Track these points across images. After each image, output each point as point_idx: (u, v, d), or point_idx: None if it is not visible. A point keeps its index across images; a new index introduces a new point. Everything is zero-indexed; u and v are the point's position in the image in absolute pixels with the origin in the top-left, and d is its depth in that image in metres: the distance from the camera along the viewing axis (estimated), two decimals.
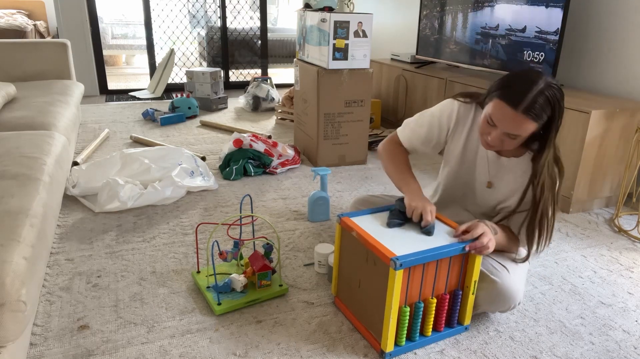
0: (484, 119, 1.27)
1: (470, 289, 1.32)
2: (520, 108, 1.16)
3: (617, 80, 2.41)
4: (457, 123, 1.43)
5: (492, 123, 1.23)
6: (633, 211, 2.27)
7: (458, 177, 1.50)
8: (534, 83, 1.16)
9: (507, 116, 1.18)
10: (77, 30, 4.24)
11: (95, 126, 3.45)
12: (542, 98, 1.16)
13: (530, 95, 1.16)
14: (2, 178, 1.40)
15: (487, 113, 1.24)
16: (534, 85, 1.16)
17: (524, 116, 1.17)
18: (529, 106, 1.16)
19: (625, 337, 1.40)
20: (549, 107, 1.17)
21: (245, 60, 5.23)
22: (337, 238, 1.42)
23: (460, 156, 1.46)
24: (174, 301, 1.49)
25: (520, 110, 1.16)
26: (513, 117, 1.18)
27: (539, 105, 1.16)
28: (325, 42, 2.55)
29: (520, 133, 1.20)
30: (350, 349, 1.31)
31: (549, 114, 1.18)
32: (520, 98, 1.16)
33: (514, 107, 1.17)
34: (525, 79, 1.18)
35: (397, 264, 1.15)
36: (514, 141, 1.24)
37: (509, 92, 1.18)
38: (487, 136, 1.27)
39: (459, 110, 1.42)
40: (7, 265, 1.00)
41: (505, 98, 1.18)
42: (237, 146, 2.58)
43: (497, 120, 1.21)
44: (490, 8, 2.74)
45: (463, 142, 1.44)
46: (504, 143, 1.25)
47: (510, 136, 1.22)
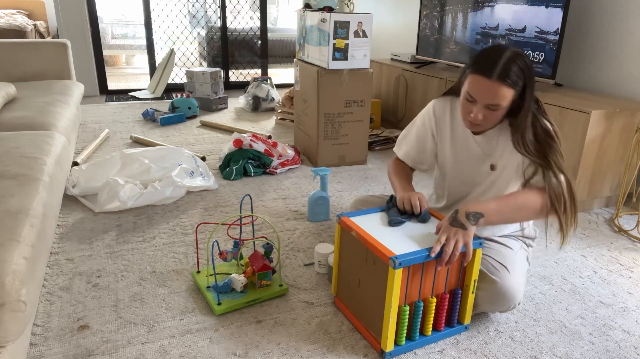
0: (463, 99, 1.30)
1: (470, 288, 1.32)
2: (495, 75, 1.20)
3: (617, 80, 2.41)
4: (437, 121, 1.47)
5: (472, 99, 1.26)
6: (633, 211, 2.27)
7: (458, 176, 1.49)
8: (502, 53, 1.22)
9: (484, 87, 1.22)
10: (77, 30, 4.24)
11: (95, 126, 3.45)
12: (513, 64, 1.20)
13: (501, 62, 1.20)
14: (2, 178, 1.40)
15: (465, 90, 1.28)
16: (503, 54, 1.21)
17: (500, 83, 1.20)
18: (502, 72, 1.20)
19: (625, 337, 1.40)
20: (521, 73, 1.21)
21: (245, 60, 5.23)
22: (336, 238, 1.42)
23: (452, 153, 1.47)
24: (174, 301, 1.49)
25: (495, 77, 1.20)
26: (490, 86, 1.21)
27: (511, 70, 1.20)
28: (325, 42, 2.55)
29: (499, 101, 1.23)
30: (350, 349, 1.31)
31: (522, 80, 1.22)
32: (492, 67, 1.21)
33: (489, 76, 1.21)
34: (493, 51, 1.23)
35: (396, 263, 1.15)
36: (495, 113, 1.26)
37: (480, 65, 1.23)
38: (469, 115, 1.29)
39: (435, 108, 1.47)
40: (7, 265, 1.00)
41: (479, 71, 1.23)
42: (237, 146, 2.58)
43: (475, 93, 1.24)
44: (490, 8, 2.74)
45: (449, 138, 1.46)
46: (487, 118, 1.27)
47: (491, 107, 1.24)
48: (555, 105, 2.21)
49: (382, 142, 3.17)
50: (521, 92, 1.24)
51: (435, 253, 1.19)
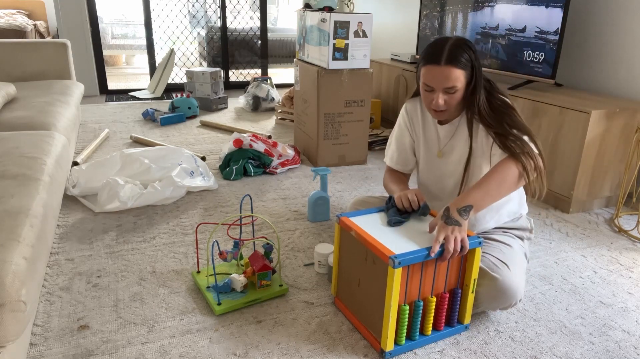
0: (422, 91, 1.39)
1: (470, 287, 1.32)
2: (443, 60, 1.31)
3: (617, 80, 2.41)
4: (410, 120, 1.58)
5: (429, 88, 1.36)
6: (633, 211, 2.27)
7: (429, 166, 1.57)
8: (445, 42, 1.33)
9: (436, 73, 1.32)
10: (77, 30, 4.24)
11: (95, 126, 3.45)
12: (456, 48, 1.31)
13: (445, 49, 1.31)
14: (2, 178, 1.40)
15: (422, 82, 1.37)
16: (445, 42, 1.33)
17: (450, 66, 1.30)
18: (449, 56, 1.30)
19: (625, 337, 1.40)
20: (467, 55, 1.32)
21: (245, 60, 5.23)
22: (336, 238, 1.42)
23: (425, 146, 1.56)
24: (174, 301, 1.49)
25: (443, 62, 1.31)
26: (441, 71, 1.31)
27: (457, 53, 1.31)
28: (325, 42, 2.55)
29: (454, 83, 1.32)
30: (350, 349, 1.31)
31: (470, 61, 1.32)
32: (440, 54, 1.31)
33: (438, 62, 1.31)
34: (436, 42, 1.35)
35: (395, 262, 1.15)
36: (454, 95, 1.35)
37: (429, 55, 1.34)
38: (431, 103, 1.37)
39: (407, 108, 1.58)
40: (7, 265, 1.00)
41: (428, 61, 1.34)
42: (237, 146, 2.58)
43: (431, 82, 1.34)
44: (490, 8, 2.74)
45: (422, 134, 1.56)
46: (447, 102, 1.36)
47: (449, 91, 1.33)
48: (555, 105, 2.21)
49: (382, 142, 3.17)
50: (471, 72, 1.34)
51: (435, 253, 1.19)
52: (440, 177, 1.55)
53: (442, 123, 1.49)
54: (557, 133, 2.22)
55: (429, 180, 1.59)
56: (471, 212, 1.25)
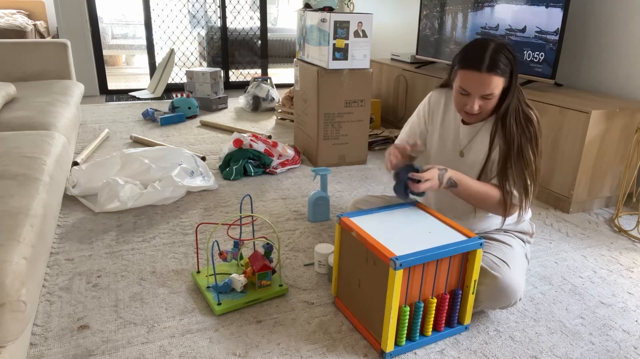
0: (456, 93, 1.37)
1: (470, 288, 1.32)
2: (484, 68, 1.27)
3: (617, 80, 2.41)
4: (431, 109, 1.55)
5: (466, 92, 1.33)
6: (633, 211, 2.27)
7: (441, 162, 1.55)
8: (486, 45, 1.29)
9: (476, 80, 1.29)
10: (77, 30, 4.24)
11: (95, 126, 3.45)
12: (498, 54, 1.28)
13: (487, 54, 1.28)
14: (2, 178, 1.40)
15: (457, 85, 1.35)
16: (487, 46, 1.29)
17: (490, 74, 1.28)
18: (490, 63, 1.27)
19: (625, 337, 1.40)
20: (507, 61, 1.29)
21: (245, 60, 5.23)
22: (336, 238, 1.42)
23: (439, 140, 1.54)
24: (174, 301, 1.49)
25: (484, 70, 1.27)
26: (481, 79, 1.28)
27: (499, 60, 1.27)
28: (325, 42, 2.55)
29: (492, 91, 1.30)
30: (350, 349, 1.31)
31: (510, 67, 1.29)
32: (480, 60, 1.28)
33: (478, 69, 1.28)
34: (477, 45, 1.31)
35: (396, 264, 1.15)
36: (490, 101, 1.33)
37: (469, 60, 1.30)
38: (464, 106, 1.35)
39: (431, 98, 1.56)
40: (7, 265, 1.00)
41: (468, 66, 1.30)
42: (237, 146, 2.58)
43: (469, 86, 1.31)
44: (490, 8, 2.74)
45: (439, 126, 1.53)
46: (482, 107, 1.34)
47: (486, 97, 1.31)
48: (555, 105, 2.21)
49: (382, 142, 3.17)
50: (510, 78, 1.32)
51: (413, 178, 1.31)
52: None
53: (465, 123, 1.47)
54: (557, 133, 2.22)
55: None
56: (453, 189, 1.35)
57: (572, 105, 2.15)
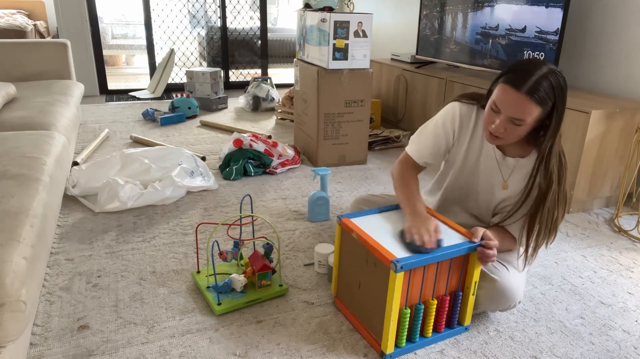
0: (488, 108, 1.26)
1: (471, 290, 1.32)
2: (524, 89, 1.16)
3: (617, 80, 2.41)
4: (461, 124, 1.42)
5: (497, 109, 1.22)
6: (633, 211, 2.27)
7: (460, 178, 1.49)
8: (537, 68, 1.18)
9: (511, 98, 1.18)
10: (77, 30, 4.24)
11: (95, 126, 3.45)
12: (545, 81, 1.16)
13: (533, 77, 1.16)
14: (2, 178, 1.40)
15: (492, 99, 1.24)
16: (538, 69, 1.17)
17: (528, 98, 1.16)
18: (532, 88, 1.16)
19: (625, 337, 1.40)
20: (552, 92, 1.17)
21: (245, 60, 5.23)
22: (336, 239, 1.42)
23: (464, 157, 1.45)
24: (174, 301, 1.49)
25: (523, 91, 1.16)
26: (517, 99, 1.17)
27: (542, 87, 1.16)
28: (325, 42, 2.55)
29: (524, 116, 1.18)
30: (350, 349, 1.31)
31: (552, 99, 1.18)
32: (523, 81, 1.16)
33: (518, 88, 1.17)
34: (529, 64, 1.19)
35: (397, 266, 1.15)
36: (518, 128, 1.22)
37: (512, 76, 1.19)
38: (491, 125, 1.25)
39: (461, 110, 1.41)
40: (7, 265, 1.00)
41: (509, 82, 1.19)
42: (237, 146, 2.58)
43: (501, 104, 1.21)
44: (490, 8, 2.74)
45: (467, 143, 1.43)
46: (508, 131, 1.23)
47: (514, 122, 1.20)
48: None
49: (382, 142, 3.17)
50: (549, 112, 1.20)
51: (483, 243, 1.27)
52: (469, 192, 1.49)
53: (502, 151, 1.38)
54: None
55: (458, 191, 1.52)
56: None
57: (572, 105, 2.15)
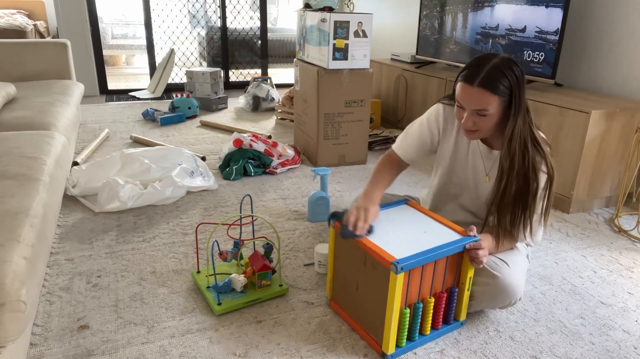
0: (455, 106, 1.34)
1: (466, 285, 1.33)
2: (477, 83, 1.23)
3: (617, 80, 2.41)
4: (445, 123, 1.48)
5: (461, 105, 1.30)
6: (633, 211, 2.27)
7: (452, 175, 1.51)
8: (488, 61, 1.25)
9: (468, 93, 1.26)
10: (77, 30, 4.24)
11: (95, 126, 3.45)
12: (496, 71, 1.22)
13: (484, 70, 1.23)
14: (2, 178, 1.40)
15: (456, 98, 1.32)
16: (488, 62, 1.24)
17: (482, 89, 1.23)
18: (483, 79, 1.23)
19: (625, 337, 1.40)
20: (506, 79, 1.22)
21: (245, 60, 5.23)
22: (330, 241, 1.41)
23: (452, 154, 1.48)
24: (174, 301, 1.49)
25: (477, 84, 1.23)
26: (473, 93, 1.25)
27: (494, 77, 1.22)
28: (325, 42, 2.55)
29: (484, 106, 1.24)
30: (350, 349, 1.31)
31: (507, 86, 1.23)
32: (476, 75, 1.24)
33: (471, 83, 1.24)
34: (480, 59, 1.26)
35: (398, 268, 1.15)
36: (486, 119, 1.27)
37: (466, 72, 1.27)
38: (461, 121, 1.31)
39: (445, 111, 1.47)
40: (7, 265, 1.00)
41: (463, 78, 1.27)
42: (237, 146, 2.58)
43: (462, 100, 1.28)
44: (490, 8, 2.74)
45: (454, 141, 1.47)
46: (478, 124, 1.29)
47: (479, 113, 1.26)
48: (555, 105, 2.21)
49: (382, 142, 3.17)
50: (509, 99, 1.25)
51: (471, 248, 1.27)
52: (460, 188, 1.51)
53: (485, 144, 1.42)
54: (557, 133, 2.22)
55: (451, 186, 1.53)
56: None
57: (572, 105, 2.15)
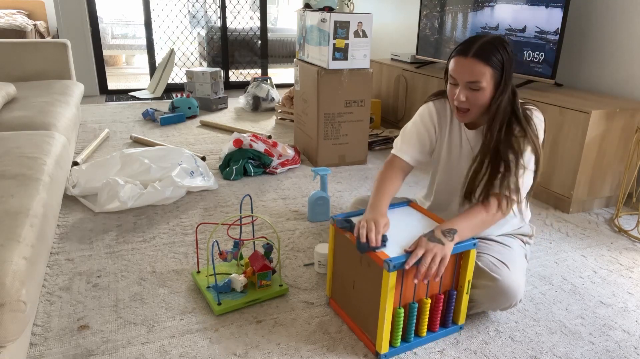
0: (449, 85, 1.35)
1: (464, 288, 1.32)
2: (470, 54, 1.27)
3: (617, 80, 2.41)
4: (439, 118, 1.49)
5: (454, 81, 1.32)
6: (633, 211, 2.27)
7: (451, 172, 1.51)
8: (481, 37, 1.29)
9: (461, 64, 1.28)
10: (77, 30, 4.24)
11: (95, 126, 3.45)
12: (489, 44, 1.27)
13: (478, 43, 1.28)
14: (2, 178, 1.40)
15: (449, 75, 1.34)
16: (482, 38, 1.29)
17: (475, 59, 1.26)
18: (477, 50, 1.26)
19: (625, 337, 1.40)
20: (498, 52, 1.26)
21: (245, 60, 5.23)
22: (330, 240, 1.42)
23: (448, 150, 1.49)
24: (174, 301, 1.49)
25: (470, 55, 1.27)
26: (466, 64, 1.27)
27: (487, 49, 1.26)
28: (325, 42, 2.55)
29: (477, 78, 1.27)
30: (350, 349, 1.31)
31: (500, 59, 1.27)
32: (469, 48, 1.28)
33: (465, 55, 1.28)
34: (474, 37, 1.31)
35: (390, 266, 1.15)
36: (478, 94, 1.29)
37: (460, 47, 1.31)
38: (454, 99, 1.32)
39: (435, 106, 1.49)
40: (7, 265, 1.00)
41: (457, 52, 1.31)
42: (237, 146, 2.58)
43: (455, 72, 1.30)
44: (490, 8, 2.74)
45: (447, 136, 1.49)
46: (470, 100, 1.30)
47: (472, 87, 1.28)
48: (555, 105, 2.21)
49: (382, 142, 3.17)
50: (501, 74, 1.28)
51: (409, 265, 1.17)
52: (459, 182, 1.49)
53: (470, 128, 1.43)
54: (557, 133, 2.22)
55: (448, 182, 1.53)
56: (455, 236, 1.23)
57: (572, 105, 2.15)
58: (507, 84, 1.29)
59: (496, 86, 1.29)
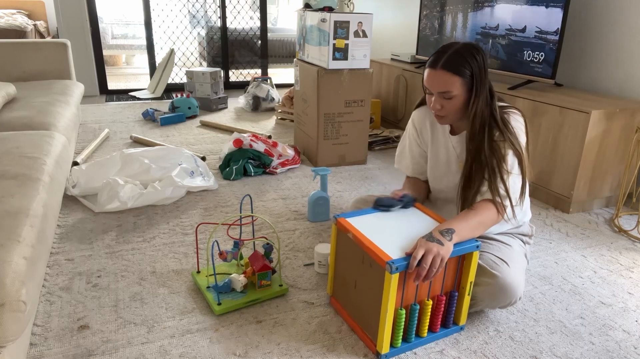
0: (425, 94, 1.41)
1: (466, 290, 1.32)
2: (439, 66, 1.32)
3: (617, 80, 2.41)
4: (420, 128, 1.57)
5: (429, 91, 1.38)
6: (633, 211, 2.27)
7: (440, 176, 1.55)
8: (450, 47, 1.34)
9: (432, 76, 1.34)
10: (77, 30, 4.24)
11: (95, 126, 3.45)
12: (456, 54, 1.31)
13: (446, 55, 1.32)
14: (2, 178, 1.40)
15: (423, 84, 1.40)
16: (450, 48, 1.33)
17: (444, 71, 1.31)
18: (445, 62, 1.31)
19: (625, 337, 1.40)
20: (465, 61, 1.30)
21: (245, 60, 5.23)
22: (332, 239, 1.42)
23: (435, 155, 1.54)
24: (174, 301, 1.49)
25: (439, 67, 1.32)
26: (436, 76, 1.33)
27: (454, 60, 1.30)
28: (325, 42, 2.55)
29: (448, 88, 1.31)
30: (350, 349, 1.31)
31: (468, 68, 1.30)
32: (438, 60, 1.33)
33: (434, 67, 1.33)
34: (443, 47, 1.36)
35: (392, 268, 1.15)
36: (452, 102, 1.34)
37: (430, 60, 1.36)
38: (430, 106, 1.38)
39: (413, 119, 1.59)
40: (7, 265, 1.00)
41: (428, 64, 1.36)
42: (237, 146, 2.58)
43: (428, 84, 1.36)
44: (490, 8, 2.74)
45: (431, 142, 1.55)
46: (445, 107, 1.35)
47: (444, 96, 1.33)
48: (555, 105, 2.21)
49: (382, 142, 3.17)
50: (470, 80, 1.32)
51: (412, 269, 1.17)
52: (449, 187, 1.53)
53: (453, 133, 1.48)
54: (557, 133, 2.22)
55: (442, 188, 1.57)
56: (454, 236, 1.23)
57: (572, 105, 2.15)
58: (480, 89, 1.32)
59: (469, 92, 1.33)
